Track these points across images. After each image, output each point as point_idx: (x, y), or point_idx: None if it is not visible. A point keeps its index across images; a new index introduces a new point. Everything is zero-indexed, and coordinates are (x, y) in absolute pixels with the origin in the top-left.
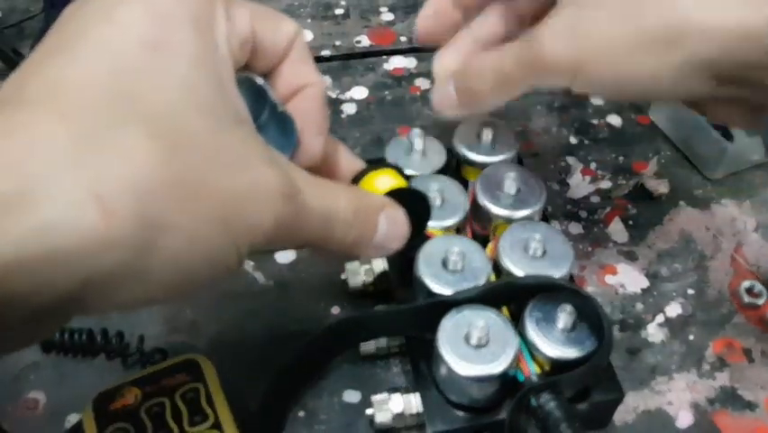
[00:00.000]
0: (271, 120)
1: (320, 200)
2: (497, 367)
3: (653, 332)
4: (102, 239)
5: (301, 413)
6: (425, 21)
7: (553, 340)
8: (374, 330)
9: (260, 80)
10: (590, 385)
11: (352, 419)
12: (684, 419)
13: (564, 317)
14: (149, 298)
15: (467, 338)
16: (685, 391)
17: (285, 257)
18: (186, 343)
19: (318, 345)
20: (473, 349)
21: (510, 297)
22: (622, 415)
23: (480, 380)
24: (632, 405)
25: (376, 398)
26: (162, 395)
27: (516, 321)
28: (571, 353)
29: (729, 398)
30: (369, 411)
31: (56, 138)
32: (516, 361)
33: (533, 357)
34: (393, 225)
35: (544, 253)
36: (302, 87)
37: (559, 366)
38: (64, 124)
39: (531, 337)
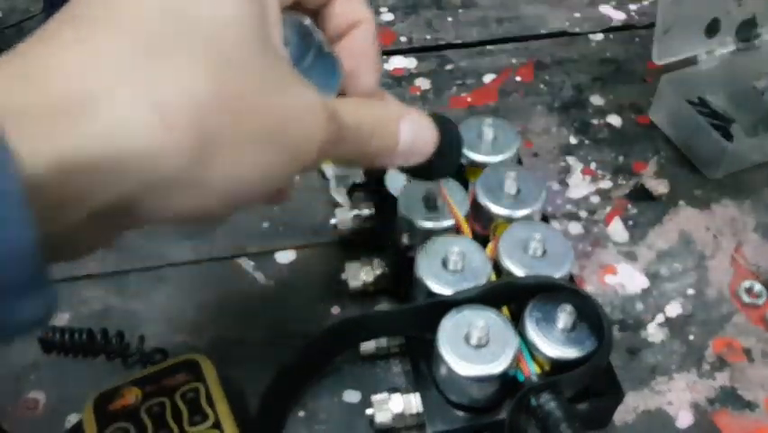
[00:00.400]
0: (317, 61)
1: (351, 116)
2: (497, 367)
3: (653, 332)
4: (160, 146)
5: (301, 413)
6: None
7: (553, 340)
8: (374, 330)
9: (306, 21)
10: (590, 385)
11: (351, 418)
12: (684, 418)
13: (564, 317)
14: (204, 208)
15: (467, 338)
16: (685, 390)
17: (285, 257)
18: (186, 343)
19: (318, 346)
20: (473, 349)
21: (510, 297)
22: (622, 415)
23: (480, 380)
24: (632, 405)
25: (376, 398)
26: (162, 395)
27: (516, 321)
28: (571, 353)
29: (729, 398)
30: (369, 411)
31: (116, 51)
32: (516, 361)
33: (533, 357)
34: (419, 128)
35: (544, 252)
36: (353, 24)
37: (559, 366)
38: (124, 39)
39: (531, 337)
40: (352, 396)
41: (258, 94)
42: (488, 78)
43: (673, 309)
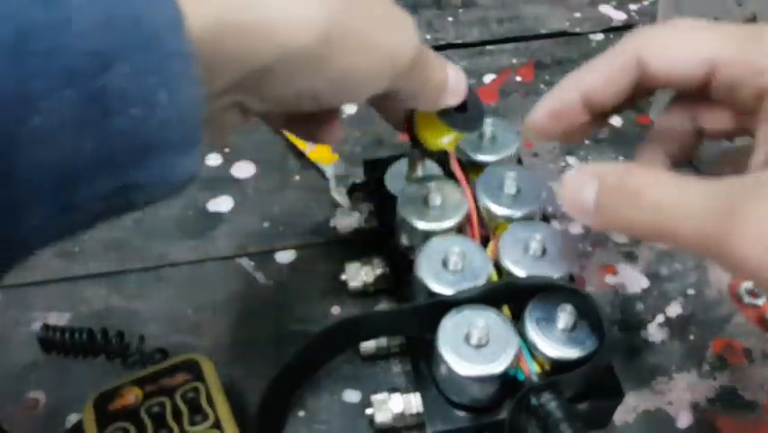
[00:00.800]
0: None
1: (424, 48)
2: (497, 367)
3: (654, 332)
4: (297, 20)
5: (301, 413)
6: (541, 118)
7: (554, 340)
8: (374, 330)
9: None
10: (591, 385)
11: (352, 418)
12: (684, 419)
13: (564, 316)
14: (318, 91)
15: (467, 338)
16: (685, 391)
17: (285, 257)
18: (186, 343)
19: (318, 346)
20: (473, 349)
21: (510, 297)
22: (622, 415)
23: (481, 380)
24: (632, 405)
25: (376, 398)
26: (162, 395)
27: (517, 321)
28: (571, 353)
29: (729, 398)
30: (369, 411)
31: None
32: (517, 361)
33: (533, 357)
34: (458, 73)
35: (544, 252)
36: None
37: (559, 366)
38: None
39: (531, 337)
40: (352, 396)
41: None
42: (488, 78)
43: (674, 310)
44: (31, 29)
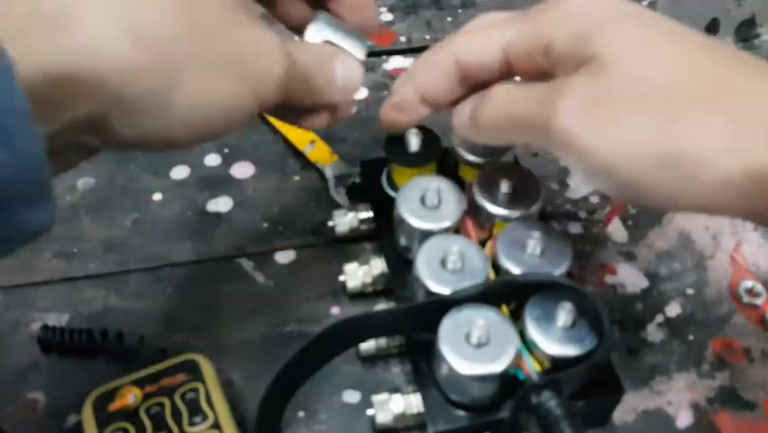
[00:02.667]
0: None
1: (301, 55)
2: (497, 366)
3: (653, 332)
4: (130, 65)
5: (301, 414)
6: (388, 112)
7: (553, 338)
8: (375, 330)
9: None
10: (590, 383)
11: (351, 419)
12: (684, 419)
13: (564, 315)
14: (170, 133)
15: (467, 337)
16: (685, 391)
17: (285, 257)
18: (186, 343)
19: (318, 346)
20: (474, 348)
21: (510, 295)
22: (622, 415)
23: (481, 379)
24: (631, 405)
25: (377, 398)
26: (162, 395)
27: (516, 319)
28: (571, 350)
29: (729, 398)
30: (369, 412)
31: None
32: (517, 359)
33: (533, 355)
34: (349, 67)
35: (543, 251)
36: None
37: (559, 364)
38: None
39: (531, 336)
40: (351, 396)
41: (221, 26)
42: None
43: (673, 309)
44: None
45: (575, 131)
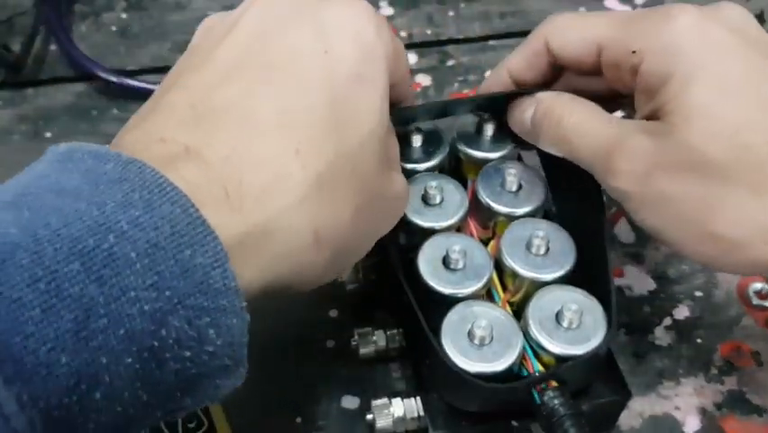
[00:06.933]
0: None
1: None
2: (501, 365)
3: (661, 335)
4: (310, 263)
5: (298, 419)
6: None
7: (558, 338)
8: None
9: None
10: (596, 385)
11: (350, 425)
12: (692, 424)
13: (569, 314)
14: (323, 282)
15: (470, 336)
16: (692, 395)
17: None
18: None
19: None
20: (477, 347)
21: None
22: (628, 420)
23: (484, 378)
24: (638, 410)
25: (376, 403)
26: None
27: (519, 320)
28: (576, 350)
29: (737, 402)
30: (369, 417)
31: (292, 177)
32: (521, 359)
33: (537, 356)
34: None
35: (547, 250)
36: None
37: (564, 363)
38: (299, 162)
39: (535, 335)
40: (350, 402)
41: (378, 202)
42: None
43: (681, 312)
44: (90, 309)
45: (627, 197)
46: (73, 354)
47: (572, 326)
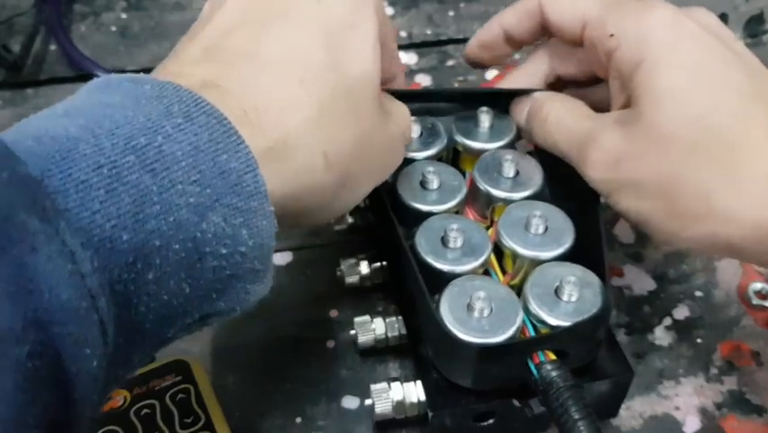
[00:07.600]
0: None
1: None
2: (499, 337)
3: (661, 335)
4: (321, 183)
5: (298, 419)
6: (474, 48)
7: (557, 311)
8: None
9: None
10: (597, 365)
11: (350, 425)
12: (692, 424)
13: (568, 287)
14: (333, 215)
15: (470, 309)
16: (692, 395)
17: (282, 259)
18: (179, 347)
19: None
20: (476, 320)
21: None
22: (628, 420)
23: (483, 349)
24: (638, 410)
25: (375, 387)
26: (152, 397)
27: (519, 295)
28: (575, 321)
29: (737, 402)
30: (368, 402)
31: (299, 100)
32: (520, 332)
33: (537, 332)
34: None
35: (546, 229)
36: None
37: None
38: (304, 90)
39: (534, 309)
40: (350, 402)
41: (377, 137)
42: (490, 74)
43: (681, 312)
44: (146, 195)
45: (600, 184)
46: (132, 233)
47: (572, 299)
